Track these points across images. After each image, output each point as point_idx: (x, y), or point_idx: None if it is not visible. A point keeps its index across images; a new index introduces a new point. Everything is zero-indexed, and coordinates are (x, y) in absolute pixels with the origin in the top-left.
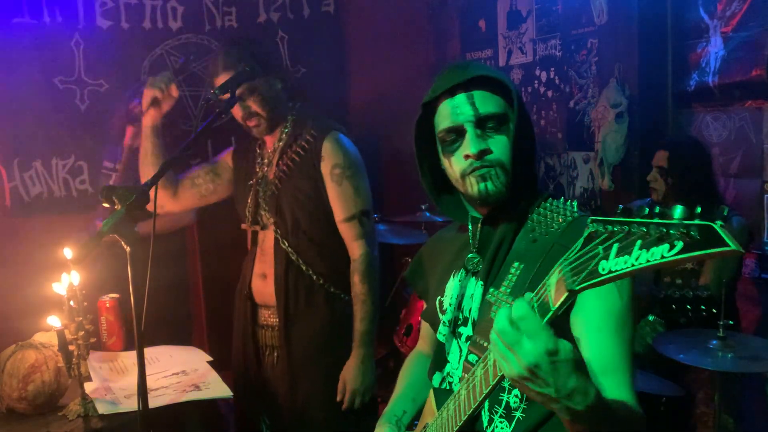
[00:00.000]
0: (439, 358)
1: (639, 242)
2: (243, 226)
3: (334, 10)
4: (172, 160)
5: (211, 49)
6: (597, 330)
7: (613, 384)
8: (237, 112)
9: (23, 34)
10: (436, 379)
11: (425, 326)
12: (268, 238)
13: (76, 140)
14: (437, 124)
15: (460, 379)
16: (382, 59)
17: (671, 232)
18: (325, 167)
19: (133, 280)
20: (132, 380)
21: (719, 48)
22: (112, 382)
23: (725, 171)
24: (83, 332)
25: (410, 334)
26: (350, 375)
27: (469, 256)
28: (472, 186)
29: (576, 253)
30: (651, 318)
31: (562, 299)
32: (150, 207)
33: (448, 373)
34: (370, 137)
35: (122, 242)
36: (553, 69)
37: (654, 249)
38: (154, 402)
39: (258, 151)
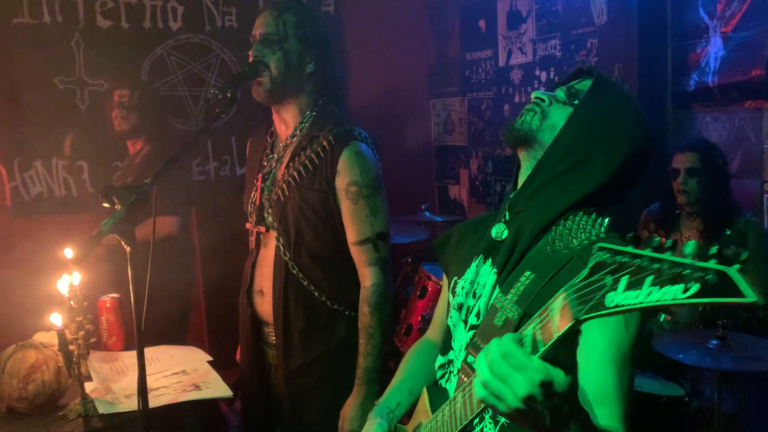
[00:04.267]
0: (445, 342)
1: (651, 278)
2: (247, 225)
3: (334, 9)
4: (172, 160)
5: (211, 49)
6: (599, 360)
7: (606, 414)
8: (251, 53)
9: (23, 34)
10: (438, 361)
11: (437, 313)
12: (270, 243)
13: (76, 140)
14: None
15: (458, 382)
16: (382, 59)
17: (685, 273)
18: (341, 183)
19: (133, 280)
20: (132, 380)
21: (719, 48)
22: (112, 382)
23: None
24: (83, 332)
25: (410, 334)
26: (349, 414)
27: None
28: None
29: (582, 281)
30: (661, 318)
31: (567, 327)
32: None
33: (449, 360)
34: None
35: (122, 242)
36: (553, 69)
37: (668, 288)
38: (154, 402)
39: (268, 140)
